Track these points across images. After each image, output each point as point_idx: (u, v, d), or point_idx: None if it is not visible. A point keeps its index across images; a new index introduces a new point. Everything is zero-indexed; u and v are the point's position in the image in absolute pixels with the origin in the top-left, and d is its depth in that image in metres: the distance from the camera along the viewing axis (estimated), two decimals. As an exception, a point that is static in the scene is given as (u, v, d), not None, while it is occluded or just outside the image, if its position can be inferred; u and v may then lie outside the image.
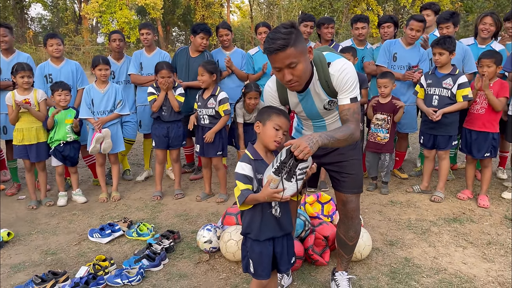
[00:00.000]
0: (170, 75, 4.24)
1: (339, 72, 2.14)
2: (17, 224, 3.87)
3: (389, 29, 4.98)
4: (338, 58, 2.19)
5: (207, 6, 34.06)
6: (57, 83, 4.24)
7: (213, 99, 4.20)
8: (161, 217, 4.00)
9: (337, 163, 2.50)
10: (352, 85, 2.15)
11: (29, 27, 34.25)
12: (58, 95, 4.17)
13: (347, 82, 2.13)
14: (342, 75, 2.13)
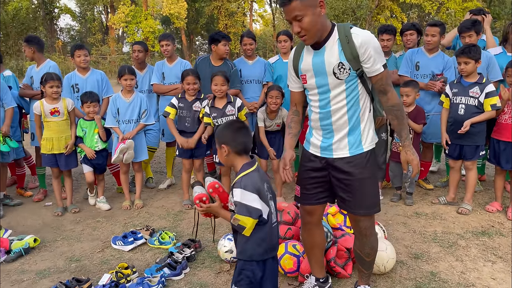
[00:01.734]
0: (195, 82, 4.29)
1: (364, 35, 2.16)
2: (44, 230, 3.96)
3: (411, 37, 4.91)
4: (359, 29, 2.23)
5: (230, 15, 34.40)
6: (86, 95, 4.34)
7: (230, 106, 4.21)
8: (182, 226, 4.02)
9: (344, 181, 2.36)
10: (378, 51, 2.19)
11: (58, 38, 35.36)
12: (87, 107, 4.27)
13: (375, 46, 2.17)
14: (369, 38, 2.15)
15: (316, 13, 2.10)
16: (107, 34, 34.16)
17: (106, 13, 36.09)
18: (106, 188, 5.14)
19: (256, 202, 2.03)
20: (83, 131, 4.36)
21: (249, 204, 2.02)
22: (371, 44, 2.15)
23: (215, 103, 4.25)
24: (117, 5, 31.30)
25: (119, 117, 4.41)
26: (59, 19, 37.31)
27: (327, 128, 2.35)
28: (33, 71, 4.87)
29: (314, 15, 2.09)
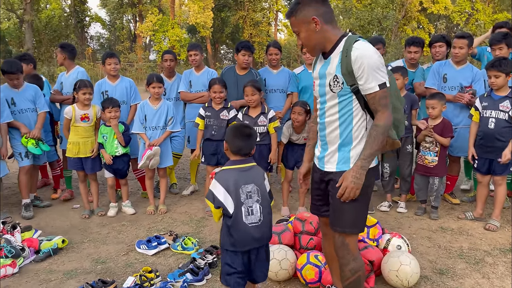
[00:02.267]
0: (222, 91, 4.36)
1: (362, 50, 2.08)
2: (71, 232, 4.08)
3: (440, 49, 4.86)
4: (363, 41, 2.15)
5: (255, 24, 34.75)
6: (107, 100, 4.46)
7: (263, 116, 4.26)
8: (205, 232, 4.06)
9: (330, 193, 2.33)
10: (379, 69, 2.10)
11: (88, 45, 36.43)
12: (108, 112, 4.39)
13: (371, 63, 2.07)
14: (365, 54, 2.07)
15: (310, 29, 2.16)
16: (135, 42, 34.99)
17: (135, 21, 36.99)
18: (131, 193, 5.25)
19: (221, 194, 2.34)
20: (103, 137, 4.47)
21: (215, 193, 2.35)
22: (366, 60, 2.07)
23: (249, 111, 4.31)
24: (146, 14, 32.08)
25: (146, 124, 4.51)
26: (89, 27, 38.40)
27: (323, 139, 2.35)
28: (63, 77, 5.06)
29: (308, 31, 2.17)
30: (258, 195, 2.40)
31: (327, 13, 2.16)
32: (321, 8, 2.15)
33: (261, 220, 2.39)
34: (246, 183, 2.38)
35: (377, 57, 2.10)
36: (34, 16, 28.40)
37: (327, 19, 2.16)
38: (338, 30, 2.21)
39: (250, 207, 2.37)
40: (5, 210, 4.52)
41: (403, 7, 30.89)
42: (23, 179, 4.51)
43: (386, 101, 2.12)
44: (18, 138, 4.45)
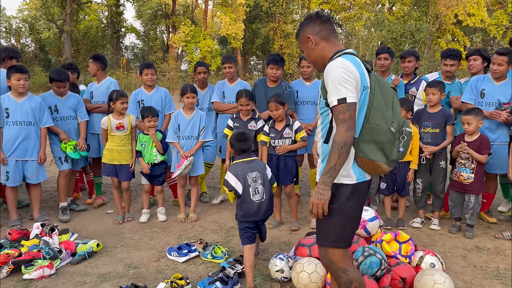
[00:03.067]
0: (248, 103, 4.42)
1: (330, 65, 2.17)
2: (105, 236, 4.20)
3: (475, 62, 4.76)
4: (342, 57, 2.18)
5: (285, 36, 34.94)
6: (147, 109, 4.58)
7: (288, 128, 4.28)
8: (234, 241, 4.09)
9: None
10: (335, 84, 2.10)
11: (122, 55, 37.58)
12: (148, 121, 4.52)
13: (333, 76, 2.11)
14: (330, 68, 2.15)
15: (308, 47, 2.35)
16: (168, 52, 35.81)
17: (168, 32, 37.91)
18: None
19: (232, 181, 3.22)
20: (142, 145, 4.60)
21: (228, 180, 3.23)
22: (330, 74, 2.13)
23: (275, 124, 4.35)
24: (178, 25, 32.86)
25: (179, 133, 4.62)
26: (125, 37, 39.68)
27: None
28: (93, 87, 5.23)
29: (307, 49, 2.37)
30: (261, 179, 3.26)
31: (323, 31, 2.30)
32: (317, 27, 2.31)
33: (264, 198, 3.26)
34: (251, 171, 3.25)
35: (340, 71, 2.11)
36: (73, 27, 29.62)
37: (324, 36, 2.30)
38: (336, 47, 2.30)
39: (256, 188, 3.23)
40: (43, 213, 4.70)
41: (437, 19, 30.37)
42: (62, 183, 4.69)
43: (343, 117, 2.09)
44: (58, 143, 4.64)
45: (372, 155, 2.18)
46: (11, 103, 4.30)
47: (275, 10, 33.26)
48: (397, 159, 2.24)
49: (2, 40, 35.62)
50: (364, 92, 2.19)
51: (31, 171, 4.40)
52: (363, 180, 2.25)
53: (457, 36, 32.99)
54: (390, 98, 2.21)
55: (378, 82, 2.23)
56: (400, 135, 2.19)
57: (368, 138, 2.17)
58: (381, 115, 2.17)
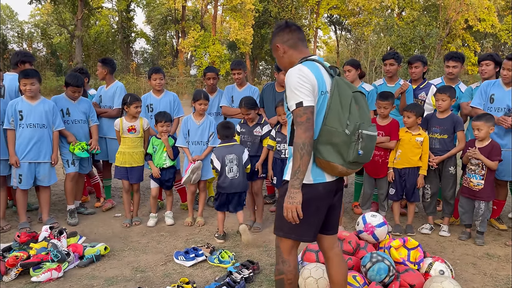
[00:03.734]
0: (248, 112, 4.45)
1: (287, 74, 2.29)
2: (113, 240, 4.21)
3: (487, 67, 4.71)
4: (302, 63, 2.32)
5: (294, 41, 34.92)
6: (161, 114, 4.61)
7: None
8: (241, 246, 4.08)
9: None
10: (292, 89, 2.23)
11: (132, 60, 37.91)
12: (161, 126, 4.55)
13: (290, 82, 2.25)
14: (287, 74, 2.29)
15: (278, 54, 2.50)
16: (177, 57, 36.06)
17: (177, 37, 38.20)
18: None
19: (214, 160, 4.17)
20: (153, 148, 4.63)
21: (212, 159, 4.19)
22: (288, 80, 2.26)
23: (282, 129, 4.35)
24: (188, 30, 33.07)
25: (189, 138, 4.63)
26: (134, 42, 40.05)
27: None
28: (102, 90, 5.27)
29: (277, 57, 2.52)
30: (237, 161, 4.14)
31: (291, 40, 2.44)
32: (285, 36, 2.44)
33: (237, 176, 4.14)
34: (229, 153, 4.14)
35: (296, 77, 2.23)
36: (84, 32, 29.96)
37: (291, 45, 2.44)
38: (303, 54, 2.43)
39: (231, 167, 4.13)
40: (52, 216, 4.73)
41: (447, 24, 30.23)
42: (69, 186, 4.73)
43: (300, 119, 2.21)
44: (66, 145, 4.68)
45: (328, 156, 2.27)
46: (25, 106, 4.36)
47: (284, 16, 33.33)
48: (359, 161, 2.29)
49: (14, 45, 36.23)
50: (323, 97, 2.30)
51: (43, 174, 4.45)
52: (320, 182, 2.34)
53: (468, 42, 32.78)
54: (347, 101, 2.26)
55: (338, 86, 2.29)
56: (356, 137, 2.23)
57: (325, 140, 2.27)
58: (336, 118, 2.25)
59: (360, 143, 2.23)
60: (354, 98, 2.28)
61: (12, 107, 4.33)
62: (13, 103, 4.37)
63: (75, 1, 28.93)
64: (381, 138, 4.42)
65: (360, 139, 2.23)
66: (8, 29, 39.33)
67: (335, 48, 43.06)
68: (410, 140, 4.35)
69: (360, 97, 2.33)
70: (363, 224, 3.61)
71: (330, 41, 43.50)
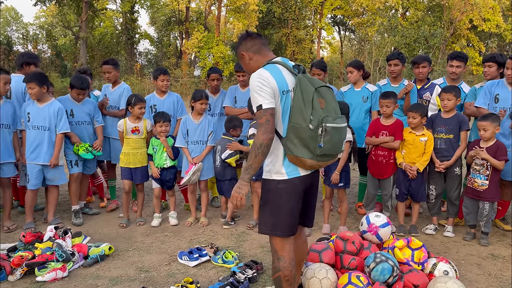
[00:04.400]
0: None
1: (250, 79, 2.41)
2: (117, 240, 4.23)
3: (490, 69, 4.69)
4: (263, 67, 2.44)
5: (298, 42, 34.97)
6: (159, 115, 4.63)
7: None
8: (245, 246, 4.09)
9: None
10: (253, 92, 2.36)
11: (136, 61, 38.04)
12: (159, 126, 4.57)
13: (252, 85, 2.37)
14: (250, 82, 2.40)
15: (245, 61, 2.63)
16: (181, 58, 36.13)
17: (181, 38, 38.27)
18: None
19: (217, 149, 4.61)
20: (153, 149, 4.64)
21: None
22: (250, 85, 2.39)
23: None
24: (192, 32, 33.16)
25: (188, 138, 4.65)
26: (138, 43, 40.20)
27: None
28: (107, 90, 5.25)
29: (245, 64, 2.65)
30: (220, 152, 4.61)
31: (255, 46, 2.57)
32: (248, 44, 2.58)
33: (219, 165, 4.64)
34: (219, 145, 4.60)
35: (256, 81, 2.36)
36: (89, 33, 30.09)
37: (255, 50, 2.57)
38: (267, 58, 2.56)
39: (216, 158, 4.63)
40: (57, 216, 4.76)
41: (451, 24, 30.12)
42: (73, 186, 4.76)
43: (260, 121, 2.34)
44: (70, 146, 4.71)
45: (296, 151, 2.40)
46: (33, 108, 4.45)
47: (288, 16, 33.34)
48: (327, 153, 2.39)
49: (20, 47, 36.44)
50: (286, 96, 2.41)
51: (52, 175, 4.51)
52: (295, 176, 2.46)
53: (472, 41, 32.63)
54: (309, 97, 2.35)
55: (300, 83, 2.38)
56: (321, 131, 2.33)
57: (292, 136, 2.40)
58: (300, 114, 2.36)
59: (324, 136, 2.33)
60: (318, 93, 2.38)
61: (23, 109, 4.49)
62: (25, 104, 4.51)
63: (80, 3, 29.06)
64: (385, 138, 4.42)
65: (324, 132, 2.33)
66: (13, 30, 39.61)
67: (339, 48, 42.98)
68: (414, 140, 4.34)
69: (325, 91, 2.42)
70: (367, 225, 3.61)
71: (334, 42, 43.45)
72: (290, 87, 2.42)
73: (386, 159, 4.48)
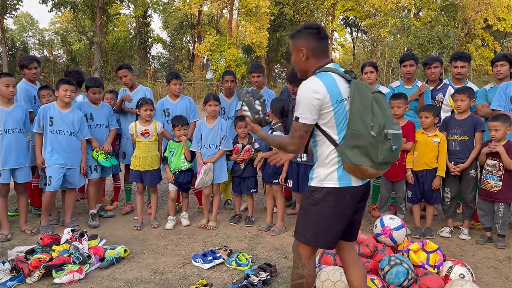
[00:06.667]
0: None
1: (301, 86, 2.34)
2: (132, 242, 4.28)
3: (502, 68, 4.61)
4: (312, 77, 2.34)
5: (310, 44, 34.86)
6: (177, 118, 4.70)
7: None
8: (258, 249, 4.10)
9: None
10: (298, 103, 2.30)
11: (150, 65, 38.43)
12: (178, 130, 4.63)
13: (299, 95, 2.32)
14: (299, 90, 2.33)
15: (299, 57, 2.45)
16: (193, 62, 36.40)
17: (193, 42, 38.56)
18: (189, 207, 5.40)
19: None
20: (170, 152, 4.69)
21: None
22: (299, 91, 2.32)
23: None
24: (204, 35, 33.37)
25: (202, 142, 4.69)
26: (151, 47, 40.60)
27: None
28: (126, 93, 5.27)
29: (296, 58, 2.47)
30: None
31: (317, 49, 2.41)
32: (312, 43, 2.40)
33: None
34: None
35: (304, 92, 2.29)
36: (103, 38, 30.52)
37: (316, 53, 2.41)
38: (321, 63, 2.41)
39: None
40: (73, 219, 4.83)
41: (466, 24, 29.74)
42: (92, 191, 4.83)
43: (294, 134, 2.34)
44: (90, 152, 4.79)
45: (356, 160, 2.26)
46: (56, 113, 4.51)
47: (299, 18, 33.33)
48: (388, 160, 2.30)
49: (36, 52, 37.12)
50: (340, 105, 2.30)
51: (73, 177, 4.61)
52: (346, 186, 2.33)
53: (487, 41, 32.16)
54: (368, 102, 2.25)
55: (357, 89, 2.28)
56: (382, 137, 2.23)
57: (351, 144, 2.27)
58: (360, 121, 2.24)
59: (385, 143, 2.23)
60: (374, 98, 2.27)
61: (44, 111, 4.49)
62: (45, 108, 4.53)
63: (94, 8, 29.52)
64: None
65: (387, 138, 2.23)
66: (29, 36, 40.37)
67: (351, 50, 42.77)
68: (427, 141, 4.31)
69: (380, 97, 2.32)
70: (381, 227, 3.59)
71: (346, 43, 43.25)
72: (345, 96, 2.32)
73: (399, 161, 4.45)
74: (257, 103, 2.59)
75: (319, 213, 2.36)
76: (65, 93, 4.46)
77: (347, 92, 2.33)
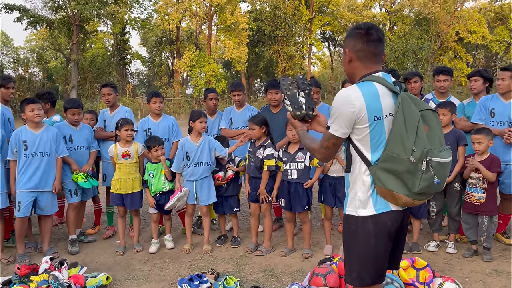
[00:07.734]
0: (253, 128, 4.39)
1: (337, 94, 2.15)
2: (114, 268, 4.13)
3: (476, 83, 4.73)
4: (353, 85, 2.13)
5: (288, 58, 35.34)
6: (152, 140, 4.59)
7: (301, 152, 4.21)
8: (246, 271, 4.01)
9: None
10: (332, 112, 2.12)
11: (128, 81, 38.14)
12: (155, 150, 4.52)
13: (333, 105, 2.13)
14: (336, 97, 2.14)
15: (345, 57, 2.25)
16: (173, 78, 36.29)
17: (173, 58, 38.52)
18: (172, 228, 5.27)
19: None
20: (149, 174, 4.57)
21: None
22: (335, 99, 2.12)
23: (289, 148, 4.31)
24: (183, 51, 33.39)
25: (189, 161, 4.53)
26: (130, 64, 40.31)
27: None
28: (105, 115, 5.16)
29: (344, 58, 2.27)
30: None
31: (363, 52, 2.15)
32: (359, 45, 2.15)
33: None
34: None
35: (339, 103, 2.08)
36: (80, 55, 30.18)
37: (361, 57, 2.16)
38: (368, 70, 2.16)
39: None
40: (51, 245, 4.64)
41: (438, 37, 30.66)
42: (71, 215, 4.65)
43: (322, 143, 2.16)
44: (69, 174, 4.63)
45: (390, 185, 2.01)
46: (29, 135, 4.32)
47: (278, 33, 33.77)
48: (427, 192, 2.01)
49: (10, 71, 36.35)
50: (377, 122, 2.05)
51: (45, 202, 4.39)
52: (385, 211, 2.08)
53: (460, 53, 33.18)
54: (414, 123, 1.95)
55: (403, 105, 1.99)
56: (423, 165, 1.93)
57: (386, 166, 2.01)
58: (400, 143, 1.96)
59: (426, 172, 1.94)
60: (423, 117, 1.98)
61: (16, 137, 4.29)
62: (17, 132, 4.33)
63: (71, 26, 29.22)
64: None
65: (429, 167, 1.94)
66: (4, 55, 39.56)
67: (329, 63, 43.49)
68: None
69: (430, 116, 2.02)
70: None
71: (324, 57, 43.94)
72: (386, 112, 2.06)
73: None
74: (301, 95, 2.33)
75: (359, 247, 2.12)
76: (33, 113, 4.27)
77: (391, 108, 2.07)
